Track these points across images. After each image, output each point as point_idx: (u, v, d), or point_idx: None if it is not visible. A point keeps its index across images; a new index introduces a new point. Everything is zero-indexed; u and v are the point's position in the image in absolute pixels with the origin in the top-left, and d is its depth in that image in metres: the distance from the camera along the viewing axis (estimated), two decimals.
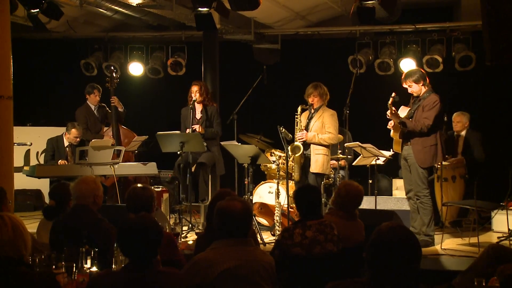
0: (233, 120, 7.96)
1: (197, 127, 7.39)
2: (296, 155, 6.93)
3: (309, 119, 7.08)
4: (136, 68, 9.95)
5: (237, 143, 7.37)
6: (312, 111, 7.07)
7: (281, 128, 6.82)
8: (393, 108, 6.32)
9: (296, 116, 6.96)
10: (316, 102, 6.99)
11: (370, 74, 9.31)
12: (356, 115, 7.64)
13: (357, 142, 7.29)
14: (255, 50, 9.93)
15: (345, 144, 7.60)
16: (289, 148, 6.92)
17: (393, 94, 6.32)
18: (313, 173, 6.92)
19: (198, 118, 7.58)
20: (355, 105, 7.56)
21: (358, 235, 4.51)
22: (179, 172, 7.26)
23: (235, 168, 7.98)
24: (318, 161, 6.92)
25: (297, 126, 7.00)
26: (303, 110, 7.05)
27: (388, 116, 6.39)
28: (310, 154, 6.97)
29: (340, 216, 4.52)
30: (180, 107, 7.79)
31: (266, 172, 8.21)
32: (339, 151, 7.79)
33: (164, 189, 7.82)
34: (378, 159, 7.33)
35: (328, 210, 4.90)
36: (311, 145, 6.97)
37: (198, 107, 7.59)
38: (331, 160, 7.20)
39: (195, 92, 7.48)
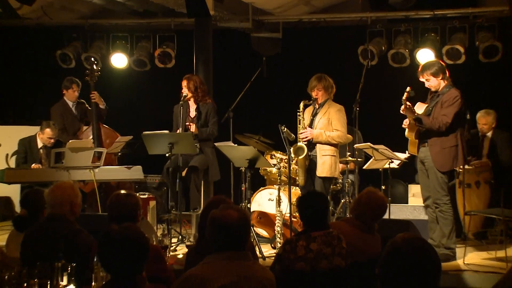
0: (228, 118, 7.97)
1: (191, 126, 7.37)
2: (300, 157, 6.90)
3: (313, 115, 7.05)
4: (119, 60, 9.96)
5: (233, 144, 7.38)
6: (317, 106, 7.03)
7: (283, 127, 6.78)
8: (408, 103, 6.32)
9: (298, 114, 6.93)
10: (321, 96, 6.97)
11: (382, 67, 9.31)
12: (367, 113, 7.67)
13: (368, 143, 7.27)
14: (254, 39, 9.93)
15: (355, 145, 7.61)
16: (291, 149, 6.88)
17: (408, 89, 6.33)
18: (320, 177, 6.91)
19: (192, 116, 7.58)
20: (365, 101, 7.54)
21: (373, 249, 4.51)
22: (168, 177, 7.26)
23: (230, 173, 7.98)
24: (326, 163, 6.90)
25: (299, 124, 6.96)
26: (306, 106, 7.03)
27: (402, 111, 6.39)
28: (316, 156, 6.95)
29: (356, 226, 4.53)
30: (168, 104, 7.80)
31: (265, 177, 8.25)
32: (348, 153, 7.86)
33: (151, 196, 7.82)
34: (392, 162, 7.33)
35: (344, 218, 4.84)
36: (317, 145, 6.94)
37: (192, 105, 7.60)
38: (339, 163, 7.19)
39: (184, 88, 7.50)
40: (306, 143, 6.94)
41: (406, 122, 6.55)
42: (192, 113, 7.59)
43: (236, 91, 8.24)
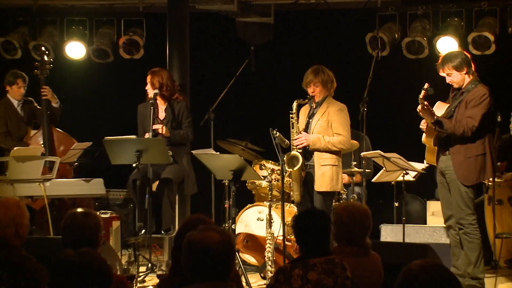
0: (208, 121, 8.05)
1: (159, 127, 7.39)
2: (294, 168, 6.86)
3: (310, 117, 7.03)
4: (75, 49, 9.90)
5: (214, 152, 7.34)
6: (313, 105, 7.01)
7: (275, 132, 6.74)
8: (425, 103, 6.33)
9: (291, 116, 6.91)
10: (319, 93, 6.95)
11: (395, 58, 9.33)
12: (377, 114, 7.74)
13: (378, 151, 7.27)
14: (240, 25, 9.84)
15: (362, 154, 7.63)
16: (284, 158, 6.84)
17: (426, 86, 6.31)
18: (319, 192, 6.88)
19: (161, 118, 7.60)
20: (375, 100, 7.57)
21: (375, 275, 4.47)
22: (135, 191, 7.25)
23: (211, 187, 8.00)
24: (326, 175, 6.87)
25: (293, 129, 6.94)
26: (300, 106, 7.00)
27: (419, 112, 6.40)
28: (313, 166, 6.93)
29: (351, 254, 4.42)
30: (136, 103, 7.78)
31: (254, 192, 8.28)
32: (354, 163, 7.92)
33: (114, 215, 7.78)
34: (407, 173, 7.31)
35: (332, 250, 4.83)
36: (315, 153, 6.91)
37: (161, 104, 7.62)
38: (343, 174, 7.16)
39: (148, 84, 7.54)
40: (301, 151, 6.90)
41: (423, 124, 6.56)
42: (161, 114, 7.61)
43: (218, 87, 8.29)
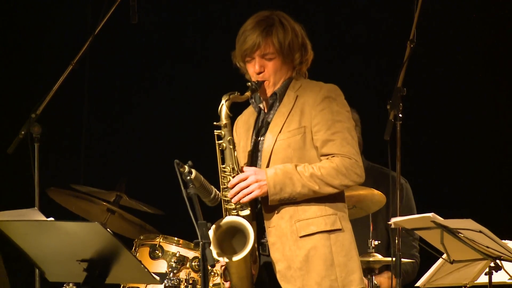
0: (28, 142, 8.07)
1: None
2: (236, 257, 6.48)
3: (259, 131, 7.04)
4: None
5: (42, 218, 6.87)
6: (265, 104, 7.03)
7: (186, 169, 6.50)
8: None
9: (217, 134, 6.82)
10: (273, 74, 6.94)
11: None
12: (426, 128, 8.22)
13: (431, 215, 6.89)
14: None
15: (392, 221, 7.20)
16: (211, 232, 6.44)
17: None
18: None
19: None
20: (421, 97, 8.07)
21: None
22: None
23: None
24: (315, 257, 6.65)
25: (223, 164, 6.87)
26: (234, 109, 7.01)
27: None
28: (278, 244, 6.77)
29: None
30: None
31: None
32: (374, 243, 8.19)
33: None
34: (500, 267, 7.17)
35: None
36: (283, 211, 6.73)
37: None
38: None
39: None
40: (248, 212, 6.65)
41: None
42: None
43: (53, 67, 8.62)
